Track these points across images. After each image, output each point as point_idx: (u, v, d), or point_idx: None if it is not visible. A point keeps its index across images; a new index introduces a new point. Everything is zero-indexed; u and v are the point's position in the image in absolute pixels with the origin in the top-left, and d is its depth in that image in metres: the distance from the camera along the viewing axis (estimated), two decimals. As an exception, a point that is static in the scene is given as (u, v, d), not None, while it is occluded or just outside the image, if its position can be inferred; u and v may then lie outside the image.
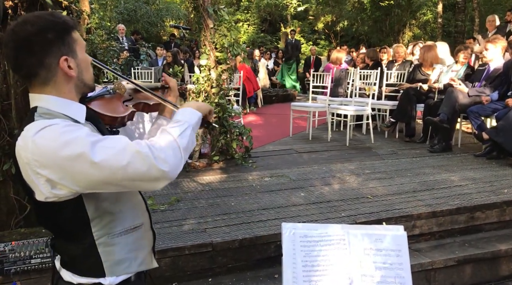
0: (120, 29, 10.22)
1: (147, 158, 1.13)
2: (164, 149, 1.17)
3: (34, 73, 1.20)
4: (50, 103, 1.22)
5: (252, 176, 4.51)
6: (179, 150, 1.20)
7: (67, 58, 1.21)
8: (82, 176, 1.11)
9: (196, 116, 1.34)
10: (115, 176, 1.12)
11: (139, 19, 14.68)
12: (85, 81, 1.28)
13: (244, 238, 2.98)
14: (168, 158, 1.16)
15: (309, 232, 1.78)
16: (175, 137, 1.21)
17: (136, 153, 1.12)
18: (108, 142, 1.13)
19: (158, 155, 1.14)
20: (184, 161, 1.22)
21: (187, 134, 1.25)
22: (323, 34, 20.99)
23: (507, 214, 3.62)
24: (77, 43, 1.25)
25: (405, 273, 1.69)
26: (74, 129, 1.13)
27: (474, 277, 3.20)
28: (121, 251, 1.29)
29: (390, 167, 4.76)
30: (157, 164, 1.13)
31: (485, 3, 16.03)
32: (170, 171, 1.16)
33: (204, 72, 5.00)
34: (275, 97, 11.14)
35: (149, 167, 1.13)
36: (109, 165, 1.10)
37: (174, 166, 1.17)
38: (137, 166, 1.12)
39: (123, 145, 1.13)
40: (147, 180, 1.15)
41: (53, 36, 1.18)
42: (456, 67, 6.02)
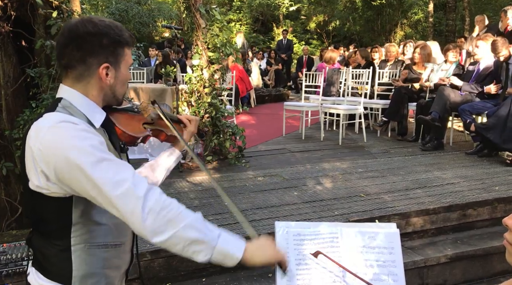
0: (112, 30, 10.14)
1: (137, 202, 1.09)
2: (164, 211, 1.10)
3: (73, 65, 1.23)
4: (76, 98, 1.24)
5: (246, 176, 4.51)
6: (173, 229, 1.10)
7: (109, 67, 1.25)
8: (74, 182, 1.12)
9: (231, 251, 1.16)
10: (101, 199, 1.12)
11: (131, 19, 14.59)
12: (116, 93, 1.31)
13: (238, 238, 2.97)
14: (156, 220, 1.09)
15: (302, 231, 1.78)
16: (188, 219, 1.12)
17: (131, 192, 1.10)
18: (112, 166, 1.13)
19: (150, 206, 1.09)
20: (167, 240, 1.10)
21: (194, 236, 1.12)
22: (315, 33, 21.02)
23: (499, 211, 3.65)
24: (124, 58, 1.29)
25: (398, 270, 1.69)
26: (87, 136, 1.14)
27: (467, 274, 3.22)
28: (94, 264, 1.25)
29: (382, 166, 4.79)
30: (142, 214, 1.08)
31: (475, 2, 16.17)
32: (145, 230, 1.09)
33: (197, 72, 4.99)
34: (268, 97, 11.15)
35: (132, 212, 1.09)
36: (101, 188, 1.10)
37: (152, 231, 1.09)
38: (124, 203, 1.09)
39: (124, 176, 1.12)
40: (125, 220, 1.12)
41: (106, 43, 1.23)
42: (446, 66, 6.06)
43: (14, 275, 2.57)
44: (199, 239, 1.12)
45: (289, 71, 14.72)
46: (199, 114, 4.91)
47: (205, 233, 1.13)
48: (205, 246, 1.13)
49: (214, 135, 4.99)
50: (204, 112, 4.92)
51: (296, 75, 13.59)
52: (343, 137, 6.17)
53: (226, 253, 1.15)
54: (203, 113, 4.92)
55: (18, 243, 2.60)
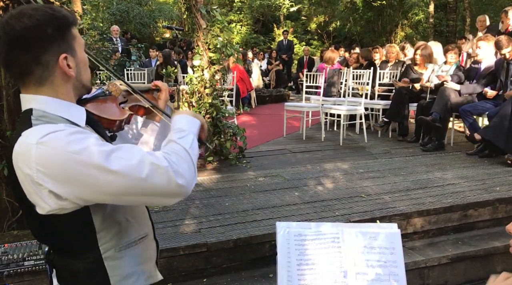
0: (114, 30, 10.18)
1: (167, 172, 1.04)
2: (180, 163, 1.08)
3: (28, 71, 1.08)
4: (47, 105, 1.11)
5: (246, 176, 4.51)
6: (192, 163, 1.12)
7: (67, 56, 1.10)
8: (95, 187, 1.01)
9: (197, 125, 1.24)
10: (133, 188, 1.03)
11: (132, 20, 14.62)
12: (83, 82, 1.18)
13: (239, 238, 2.98)
14: (185, 173, 1.07)
15: (304, 231, 1.79)
16: (187, 148, 1.12)
17: (156, 167, 1.03)
18: (123, 153, 1.04)
19: (176, 169, 1.06)
20: (196, 175, 1.13)
21: (195, 145, 1.17)
22: (315, 34, 21.03)
23: (500, 212, 3.65)
24: (76, 40, 1.14)
25: (399, 270, 1.70)
26: (82, 137, 1.03)
27: (468, 274, 3.22)
28: (128, 264, 1.21)
29: (383, 166, 4.78)
30: (176, 178, 1.05)
31: (476, 3, 16.16)
32: (186, 186, 1.07)
33: (198, 72, 4.99)
34: (268, 98, 11.16)
35: (168, 182, 1.04)
36: (127, 175, 1.01)
37: (190, 180, 1.09)
38: (156, 180, 1.03)
39: (140, 157, 1.04)
40: (164, 195, 1.07)
41: (53, 31, 1.07)
42: (446, 67, 6.06)
43: (16, 275, 2.57)
44: (196, 145, 1.18)
45: (290, 71, 14.73)
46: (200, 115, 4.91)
47: (192, 139, 1.18)
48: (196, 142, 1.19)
49: (215, 135, 4.99)
50: (205, 112, 4.93)
51: (296, 76, 13.60)
52: (344, 138, 6.17)
53: (197, 130, 1.24)
54: (204, 114, 4.92)
55: (19, 243, 2.60)
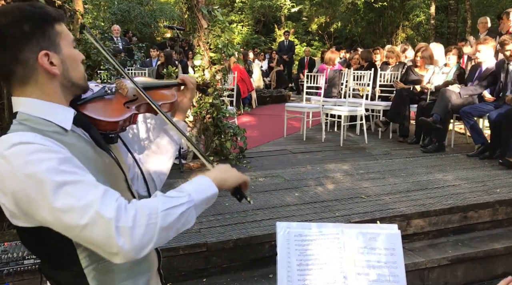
0: (115, 30, 10.19)
1: (108, 225, 0.92)
2: (137, 223, 0.94)
3: (9, 71, 1.05)
4: (32, 107, 1.07)
5: (247, 177, 4.50)
6: (154, 229, 0.97)
7: (48, 53, 1.06)
8: (39, 216, 0.97)
9: (209, 192, 1.10)
10: (69, 230, 0.96)
11: (133, 19, 14.64)
12: (73, 80, 1.12)
13: (239, 238, 2.98)
14: (135, 236, 0.94)
15: (304, 231, 1.78)
16: (159, 210, 0.98)
17: (98, 216, 0.93)
18: (76, 189, 0.95)
19: (123, 226, 0.93)
20: (155, 243, 0.98)
21: (176, 213, 1.01)
22: (316, 35, 21.04)
23: (500, 214, 3.65)
24: (61, 36, 1.09)
25: (399, 271, 1.69)
26: (42, 159, 0.95)
27: (468, 276, 3.22)
28: (114, 279, 1.13)
29: (383, 167, 4.78)
30: (116, 236, 0.92)
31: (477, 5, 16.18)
32: (129, 252, 0.94)
33: (198, 72, 4.99)
34: (269, 98, 11.17)
35: (107, 237, 0.93)
36: (65, 217, 0.94)
37: (137, 247, 0.95)
38: (94, 230, 0.93)
39: (89, 200, 0.94)
40: (103, 250, 0.96)
41: (30, 28, 1.04)
42: (446, 69, 6.06)
43: (15, 274, 2.57)
44: (180, 214, 1.02)
45: (291, 72, 14.74)
46: (200, 115, 4.91)
47: (180, 203, 1.03)
48: (188, 212, 1.04)
49: (215, 135, 4.99)
50: (205, 112, 4.93)
51: (297, 77, 13.61)
52: (344, 139, 6.17)
53: (205, 199, 1.09)
54: (205, 114, 4.92)
55: (19, 242, 2.60)
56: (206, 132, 5.00)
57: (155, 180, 1.44)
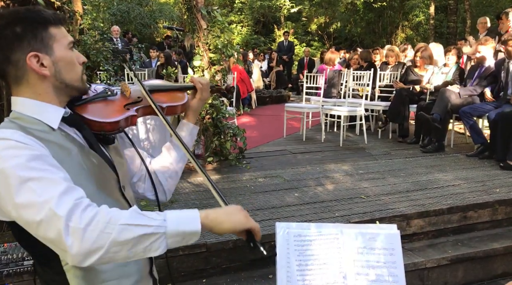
0: (114, 31, 10.19)
1: (58, 223, 0.92)
2: (90, 225, 0.92)
3: (3, 71, 1.10)
4: (24, 106, 1.11)
5: (246, 177, 4.51)
6: (106, 239, 0.92)
7: (38, 55, 1.08)
8: (5, 210, 0.99)
9: (188, 228, 1.00)
10: (28, 226, 0.97)
11: (132, 20, 14.64)
12: (67, 81, 1.13)
13: (239, 239, 2.97)
14: (85, 240, 0.92)
15: (303, 231, 1.78)
16: (119, 222, 0.94)
17: (52, 213, 0.92)
18: (38, 186, 0.95)
19: (74, 226, 0.92)
20: (103, 255, 0.93)
21: (137, 232, 0.94)
22: (316, 35, 21.05)
23: (499, 213, 3.65)
24: (55, 39, 1.11)
25: (399, 271, 1.69)
26: (14, 155, 0.97)
27: (467, 276, 3.22)
28: (94, 280, 1.11)
29: (383, 167, 4.78)
30: (64, 236, 0.91)
31: (476, 5, 16.19)
32: (76, 255, 0.92)
33: (198, 73, 4.99)
34: (269, 98, 11.17)
35: (57, 235, 0.92)
36: (25, 212, 0.95)
37: (84, 251, 0.92)
38: (48, 228, 0.93)
39: (48, 196, 0.94)
40: (56, 247, 0.96)
41: (22, 30, 1.07)
42: (446, 69, 6.07)
43: (15, 275, 2.57)
44: (142, 235, 0.95)
45: (290, 72, 14.75)
46: (200, 115, 4.92)
47: (147, 225, 0.96)
48: (154, 237, 0.96)
49: (215, 136, 4.99)
50: (205, 113, 4.93)
51: (297, 77, 13.61)
52: (344, 139, 6.17)
53: (181, 232, 0.99)
54: (204, 114, 4.92)
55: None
56: (206, 133, 5.00)
57: (163, 183, 1.41)
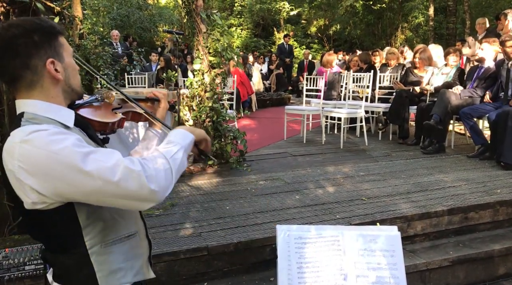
0: (114, 35, 10.22)
1: (139, 177, 1.10)
2: (157, 170, 1.15)
3: (18, 75, 1.17)
4: (37, 107, 1.19)
5: (247, 180, 4.51)
6: (171, 172, 1.18)
7: (54, 61, 1.19)
8: (71, 187, 1.08)
9: (189, 139, 1.32)
10: (105, 189, 1.09)
11: (132, 24, 14.66)
12: (73, 86, 1.27)
13: (240, 242, 2.98)
14: (160, 179, 1.14)
15: (304, 234, 1.79)
16: (168, 158, 1.20)
17: (129, 170, 1.10)
18: (100, 155, 1.10)
19: (150, 174, 1.12)
20: (174, 183, 1.20)
21: (179, 156, 1.23)
22: (316, 38, 21.08)
23: (500, 214, 3.65)
24: (63, 48, 1.24)
25: (400, 273, 1.70)
26: (63, 138, 1.09)
27: (469, 277, 3.21)
28: (115, 260, 1.25)
29: (384, 169, 4.78)
30: (148, 183, 1.11)
31: (475, 6, 16.19)
32: (159, 192, 1.14)
33: (198, 76, 5.01)
34: (269, 101, 11.18)
35: (140, 186, 1.10)
36: (100, 177, 1.08)
37: (164, 187, 1.16)
38: (128, 183, 1.09)
39: (115, 160, 1.10)
40: (135, 199, 1.13)
41: (39, 38, 1.17)
42: (446, 70, 6.08)
43: (16, 280, 2.57)
44: (180, 156, 1.24)
45: (290, 75, 14.76)
46: (200, 119, 4.92)
47: (178, 150, 1.25)
48: (184, 154, 1.27)
49: (215, 139, 5.00)
50: (205, 116, 4.94)
51: (297, 79, 13.62)
52: (345, 141, 6.17)
53: (189, 144, 1.32)
54: (205, 118, 4.93)
55: (20, 248, 2.61)
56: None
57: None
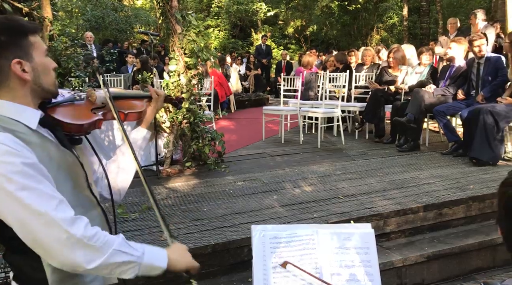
0: (87, 37, 10.05)
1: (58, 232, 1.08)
2: (93, 239, 1.12)
3: None
4: (3, 108, 1.18)
5: (225, 181, 4.50)
6: (101, 258, 1.13)
7: (21, 61, 1.18)
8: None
9: (158, 263, 1.25)
10: (24, 226, 1.09)
11: (108, 26, 14.42)
12: (43, 85, 1.24)
13: (217, 243, 2.96)
14: (84, 250, 1.11)
15: (279, 233, 1.79)
16: (113, 246, 1.15)
17: (53, 222, 1.09)
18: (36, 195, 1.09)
19: (79, 237, 1.10)
20: (91, 269, 1.13)
21: (122, 258, 1.16)
22: (293, 38, 21.21)
23: (473, 210, 3.73)
24: (34, 47, 1.22)
25: (373, 270, 1.71)
26: (8, 161, 1.07)
27: (443, 272, 3.27)
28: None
29: (360, 168, 4.84)
30: (64, 246, 1.08)
31: (448, 6, 16.57)
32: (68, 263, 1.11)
33: (174, 77, 4.96)
34: (247, 102, 11.20)
35: (54, 243, 1.08)
36: (27, 214, 1.07)
37: (77, 262, 1.11)
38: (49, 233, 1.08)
39: (47, 208, 1.09)
40: (44, 251, 1.11)
41: (6, 38, 1.17)
42: (420, 69, 6.19)
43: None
44: (125, 261, 1.17)
45: (269, 76, 14.81)
46: (177, 120, 4.88)
47: (131, 254, 1.19)
48: (132, 265, 1.19)
49: (193, 140, 4.96)
50: (182, 118, 4.89)
51: (275, 80, 13.67)
52: (322, 140, 6.22)
53: (152, 266, 1.24)
54: (181, 119, 4.89)
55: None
56: (184, 138, 4.97)
57: (117, 184, 1.52)
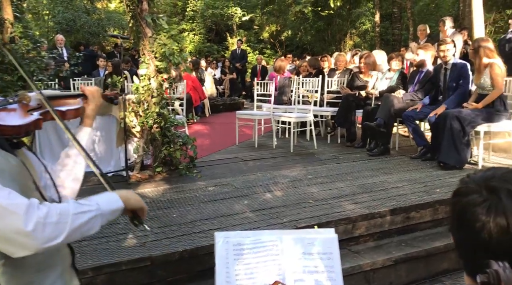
0: (58, 40, 9.84)
1: (16, 220, 1.04)
2: (47, 218, 1.08)
3: None
4: None
5: (196, 186, 4.45)
6: (64, 228, 1.10)
7: None
8: None
9: (116, 205, 1.26)
10: None
11: (79, 29, 14.14)
12: None
13: (185, 250, 2.92)
14: (45, 230, 1.07)
15: (242, 240, 1.77)
16: (70, 213, 1.13)
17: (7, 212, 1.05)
18: None
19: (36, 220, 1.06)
20: (62, 240, 1.11)
21: (85, 217, 1.15)
22: (268, 43, 21.31)
23: (440, 213, 3.80)
24: None
25: (336, 275, 1.71)
26: None
27: (411, 275, 3.32)
28: (24, 272, 1.20)
29: (331, 172, 4.87)
30: (25, 230, 1.04)
31: (418, 13, 16.96)
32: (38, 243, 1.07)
33: (144, 81, 4.89)
34: (222, 106, 11.17)
35: (17, 230, 1.04)
36: None
37: (44, 240, 1.07)
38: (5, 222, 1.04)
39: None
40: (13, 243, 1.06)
41: None
42: (390, 74, 6.30)
43: None
44: (88, 219, 1.17)
45: (244, 80, 14.82)
46: (147, 125, 4.81)
47: (90, 210, 1.18)
48: (95, 218, 1.19)
49: (163, 145, 4.90)
50: (152, 122, 4.83)
51: (251, 84, 13.69)
52: (295, 145, 6.24)
53: (111, 210, 1.25)
54: (152, 123, 4.82)
55: None
56: (154, 142, 4.90)
57: (66, 187, 1.48)
